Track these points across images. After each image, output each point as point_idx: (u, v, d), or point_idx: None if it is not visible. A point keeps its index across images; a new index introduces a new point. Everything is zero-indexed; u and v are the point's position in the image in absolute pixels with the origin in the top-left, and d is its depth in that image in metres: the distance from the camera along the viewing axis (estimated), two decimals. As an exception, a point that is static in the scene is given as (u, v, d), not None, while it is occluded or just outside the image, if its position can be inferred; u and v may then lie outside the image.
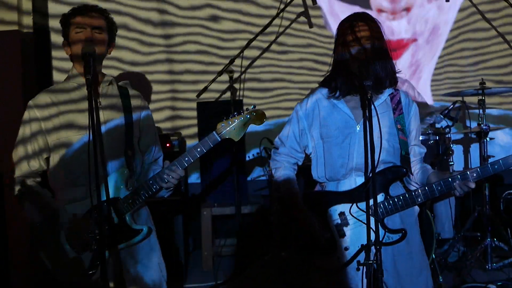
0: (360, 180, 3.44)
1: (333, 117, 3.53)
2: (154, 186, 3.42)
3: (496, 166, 3.32)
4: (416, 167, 3.59)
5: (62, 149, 3.46)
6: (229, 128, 3.38)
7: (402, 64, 7.27)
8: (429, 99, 7.25)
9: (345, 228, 3.43)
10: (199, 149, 3.38)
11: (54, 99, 3.50)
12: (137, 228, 3.46)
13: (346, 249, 3.41)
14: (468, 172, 3.33)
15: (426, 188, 3.38)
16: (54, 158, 3.49)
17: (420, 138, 5.17)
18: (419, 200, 3.39)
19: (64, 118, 3.47)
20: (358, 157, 3.44)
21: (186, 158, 3.39)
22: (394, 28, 7.28)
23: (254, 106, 3.40)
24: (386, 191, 3.40)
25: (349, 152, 3.46)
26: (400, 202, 3.39)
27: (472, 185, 3.32)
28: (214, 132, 3.38)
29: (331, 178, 3.54)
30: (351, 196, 3.43)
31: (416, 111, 3.61)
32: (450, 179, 3.34)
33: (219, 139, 3.38)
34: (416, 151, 3.61)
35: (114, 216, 3.41)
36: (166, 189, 3.51)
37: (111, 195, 3.39)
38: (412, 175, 3.58)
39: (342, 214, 3.44)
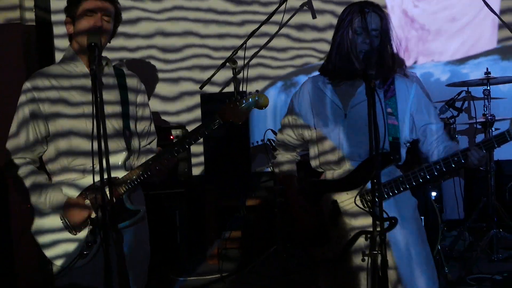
0: (353, 168, 3.42)
1: (322, 106, 3.52)
2: (153, 167, 3.40)
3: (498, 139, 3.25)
4: (441, 147, 3.46)
5: (57, 125, 3.43)
6: (232, 111, 3.37)
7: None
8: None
9: (338, 217, 3.41)
10: (201, 131, 3.38)
11: (50, 78, 3.47)
12: (134, 209, 3.45)
13: (339, 238, 3.38)
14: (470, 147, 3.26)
15: (410, 174, 3.31)
16: (50, 139, 3.47)
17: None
18: (403, 187, 3.32)
19: (60, 94, 3.44)
20: (349, 145, 3.42)
21: (188, 140, 3.39)
22: None
23: (258, 91, 3.40)
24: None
25: (339, 140, 3.44)
26: (386, 189, 3.34)
27: (476, 154, 3.23)
28: (216, 115, 3.38)
29: (325, 167, 3.53)
30: (343, 184, 3.41)
31: (418, 90, 3.52)
32: (449, 156, 3.27)
33: (222, 122, 3.37)
34: (433, 129, 3.49)
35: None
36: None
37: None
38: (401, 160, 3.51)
39: (334, 202, 3.42)
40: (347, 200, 3.39)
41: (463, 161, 3.26)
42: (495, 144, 3.26)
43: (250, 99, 3.39)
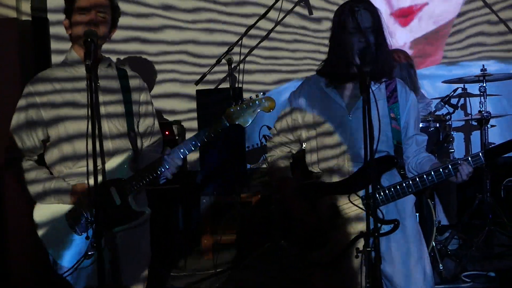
0: (353, 170, 3.41)
1: (325, 106, 3.50)
2: (159, 169, 3.40)
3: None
4: (419, 156, 3.53)
5: (61, 129, 3.42)
6: (239, 113, 3.38)
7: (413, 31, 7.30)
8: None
9: (337, 220, 3.40)
10: (206, 134, 3.37)
11: (52, 80, 3.47)
12: (139, 210, 3.45)
13: (338, 240, 3.38)
14: (458, 161, 3.30)
15: (417, 178, 3.34)
16: (53, 139, 3.46)
17: (420, 126, 5.19)
18: (410, 190, 3.35)
19: (63, 97, 3.43)
20: (350, 147, 3.41)
21: (193, 142, 3.39)
22: None
23: (264, 93, 3.41)
24: (378, 181, 3.36)
25: (341, 140, 3.44)
26: (390, 193, 3.35)
27: (466, 170, 3.29)
28: (223, 117, 3.38)
29: (324, 168, 3.51)
30: (343, 187, 3.40)
31: (414, 101, 3.55)
32: (440, 169, 3.31)
33: (228, 124, 3.38)
34: (418, 140, 3.56)
35: (116, 197, 3.39)
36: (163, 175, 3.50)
37: (114, 176, 3.38)
38: (403, 162, 3.54)
39: (334, 205, 3.41)
40: (347, 203, 3.39)
41: (453, 174, 3.31)
42: (482, 159, 3.30)
43: (257, 102, 3.41)
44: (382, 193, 3.34)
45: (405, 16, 7.23)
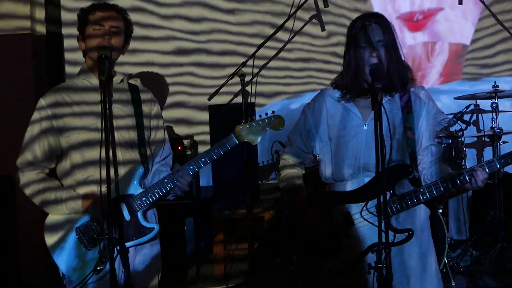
0: (367, 180, 3.42)
1: (340, 116, 3.52)
2: (169, 185, 3.44)
3: (502, 161, 3.29)
4: (434, 167, 3.52)
5: (73, 147, 3.47)
6: (248, 131, 3.42)
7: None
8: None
9: (351, 228, 3.41)
10: (216, 151, 3.42)
11: (65, 97, 3.51)
12: (149, 226, 3.47)
13: (352, 249, 3.38)
14: (475, 167, 3.30)
15: (432, 185, 3.35)
16: (65, 156, 3.50)
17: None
18: (425, 197, 3.35)
19: (75, 116, 3.48)
20: (365, 156, 3.42)
21: (203, 159, 3.43)
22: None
23: (273, 112, 3.44)
24: (392, 189, 3.37)
25: (356, 151, 3.45)
26: (405, 200, 3.36)
27: (481, 175, 3.27)
28: (232, 134, 3.42)
29: (338, 178, 3.52)
30: (357, 196, 3.41)
31: (429, 112, 3.56)
32: (455, 174, 3.32)
33: (237, 142, 3.43)
34: (433, 151, 3.55)
35: (126, 213, 3.42)
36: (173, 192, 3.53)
37: (125, 192, 3.42)
38: (418, 173, 3.54)
39: (348, 214, 3.42)
40: (358, 216, 3.40)
41: (468, 180, 3.30)
42: (497, 165, 3.31)
43: (266, 120, 3.46)
44: (397, 201, 3.35)
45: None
